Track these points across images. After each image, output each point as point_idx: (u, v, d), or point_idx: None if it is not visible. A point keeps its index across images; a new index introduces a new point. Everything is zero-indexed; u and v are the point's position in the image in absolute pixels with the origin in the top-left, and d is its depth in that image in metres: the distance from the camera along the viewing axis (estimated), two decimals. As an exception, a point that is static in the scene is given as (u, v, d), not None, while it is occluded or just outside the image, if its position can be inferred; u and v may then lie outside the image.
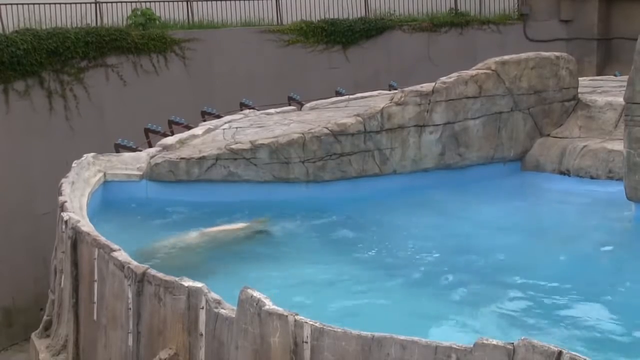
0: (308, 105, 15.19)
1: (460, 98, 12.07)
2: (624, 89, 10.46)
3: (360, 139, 11.67)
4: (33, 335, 9.11)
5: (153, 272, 6.46)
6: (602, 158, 11.65)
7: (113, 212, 10.74)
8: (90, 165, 10.95)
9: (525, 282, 8.62)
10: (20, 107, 20.10)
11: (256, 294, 5.49)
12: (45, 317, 9.13)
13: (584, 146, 11.94)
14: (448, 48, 25.04)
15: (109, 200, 10.95)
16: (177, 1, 24.41)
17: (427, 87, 12.01)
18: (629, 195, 10.31)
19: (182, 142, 12.25)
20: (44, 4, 22.12)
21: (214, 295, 5.94)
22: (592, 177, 11.69)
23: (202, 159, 11.34)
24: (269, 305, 5.40)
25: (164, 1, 24.17)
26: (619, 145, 11.09)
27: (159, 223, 10.61)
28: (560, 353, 4.44)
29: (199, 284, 6.04)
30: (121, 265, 6.74)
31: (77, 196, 9.51)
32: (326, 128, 11.67)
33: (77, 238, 7.66)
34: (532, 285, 8.53)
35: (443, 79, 12.14)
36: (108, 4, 23.33)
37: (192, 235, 10.04)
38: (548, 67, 12.69)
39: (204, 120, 15.15)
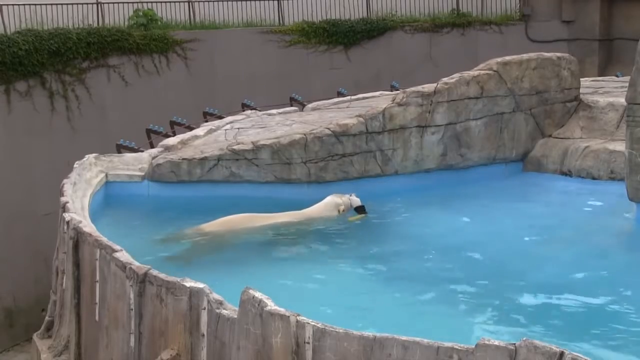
0: (310, 105, 15.19)
1: (462, 99, 12.07)
2: (626, 89, 10.45)
3: (362, 140, 11.67)
4: (35, 336, 9.11)
5: (155, 272, 6.46)
6: (603, 159, 11.64)
7: (115, 213, 10.75)
8: (92, 166, 10.96)
9: (527, 282, 8.61)
10: (21, 107, 20.14)
11: (258, 294, 5.48)
12: (47, 318, 9.13)
13: (586, 147, 11.93)
14: (450, 49, 25.07)
15: (110, 201, 10.96)
16: (179, 2, 24.44)
17: (428, 87, 12.01)
18: (631, 196, 10.31)
19: (183, 143, 12.25)
20: (46, 4, 22.17)
21: (215, 295, 5.93)
22: (593, 178, 11.69)
23: (204, 159, 11.34)
24: (271, 305, 5.40)
25: (165, 2, 24.21)
26: (620, 146, 11.09)
27: (161, 223, 10.60)
28: (562, 354, 4.43)
29: (200, 285, 6.04)
30: (123, 266, 6.74)
31: (78, 197, 9.51)
32: (328, 129, 11.67)
33: (78, 239, 7.66)
34: (533, 286, 8.51)
35: (445, 79, 12.14)
36: (110, 4, 23.38)
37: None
38: (550, 68, 12.68)
39: (206, 121, 15.15)
